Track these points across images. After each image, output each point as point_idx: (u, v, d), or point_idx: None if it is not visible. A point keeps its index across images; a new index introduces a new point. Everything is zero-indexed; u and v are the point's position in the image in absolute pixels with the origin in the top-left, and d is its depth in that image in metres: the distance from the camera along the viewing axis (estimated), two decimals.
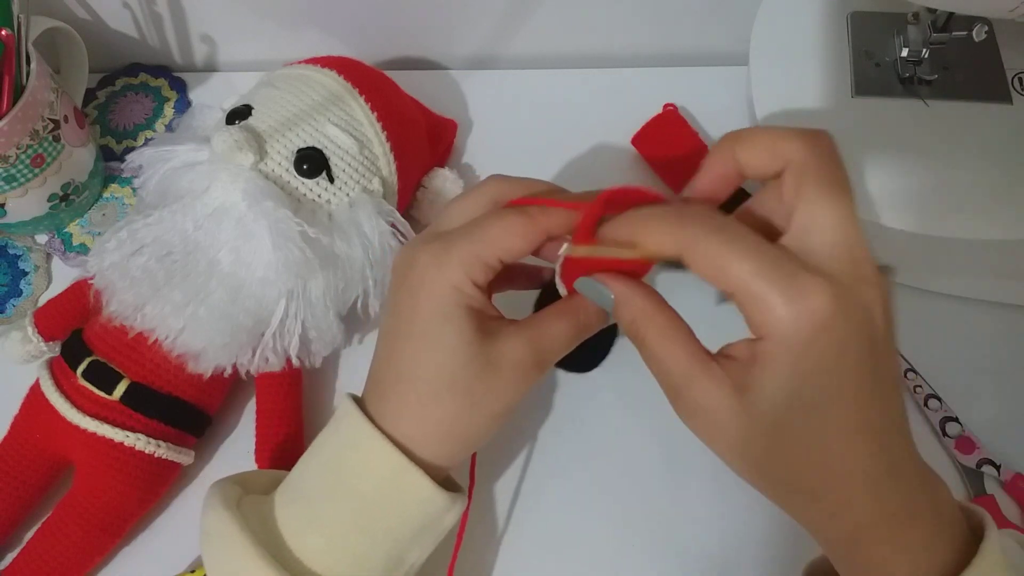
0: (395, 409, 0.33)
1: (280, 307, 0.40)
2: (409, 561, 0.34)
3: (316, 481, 0.33)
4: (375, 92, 0.44)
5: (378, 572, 0.33)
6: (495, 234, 0.32)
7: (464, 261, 0.31)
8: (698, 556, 0.41)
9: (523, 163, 0.54)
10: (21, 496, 0.41)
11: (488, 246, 0.31)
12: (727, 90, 0.55)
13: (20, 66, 0.45)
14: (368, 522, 0.32)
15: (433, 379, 0.32)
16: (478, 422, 0.32)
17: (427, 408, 0.32)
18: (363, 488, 0.32)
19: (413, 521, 0.33)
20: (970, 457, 0.43)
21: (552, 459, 0.44)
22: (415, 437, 0.32)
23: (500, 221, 0.32)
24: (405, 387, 0.32)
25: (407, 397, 0.32)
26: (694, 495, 0.43)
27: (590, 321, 0.33)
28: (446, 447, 0.33)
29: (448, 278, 0.31)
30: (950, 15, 0.44)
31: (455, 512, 0.34)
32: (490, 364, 0.31)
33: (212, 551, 0.32)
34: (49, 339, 0.45)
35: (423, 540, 0.34)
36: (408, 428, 0.32)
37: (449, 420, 0.32)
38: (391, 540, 0.33)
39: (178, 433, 0.41)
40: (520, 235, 0.31)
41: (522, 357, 0.32)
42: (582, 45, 0.59)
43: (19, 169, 0.46)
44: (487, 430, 0.33)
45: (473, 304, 0.32)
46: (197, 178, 0.40)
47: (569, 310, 0.33)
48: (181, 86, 0.59)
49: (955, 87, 0.46)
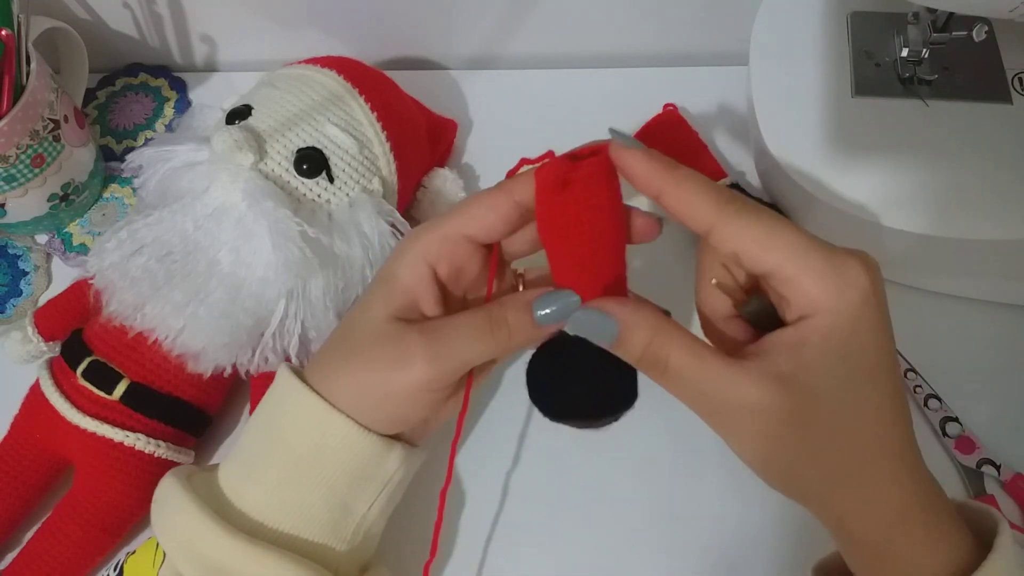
0: (324, 365, 0.34)
1: (280, 307, 0.40)
2: (358, 512, 0.34)
3: (252, 439, 0.35)
4: (375, 92, 0.44)
5: (321, 520, 0.33)
6: (460, 207, 0.31)
7: (423, 238, 0.32)
8: (703, 554, 0.41)
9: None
10: (21, 496, 0.41)
11: (450, 219, 0.31)
12: (727, 90, 0.55)
13: (20, 66, 0.45)
14: (300, 470, 0.33)
15: (340, 334, 0.34)
16: (379, 394, 0.32)
17: (345, 365, 0.33)
18: (292, 438, 0.33)
19: (345, 467, 0.33)
20: (970, 457, 0.43)
21: (550, 453, 0.44)
22: (337, 392, 0.32)
23: (470, 196, 0.32)
24: (329, 342, 0.34)
25: (333, 353, 0.34)
26: (701, 492, 0.43)
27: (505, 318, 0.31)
28: (365, 409, 0.32)
29: (400, 250, 0.32)
30: (950, 15, 0.43)
31: (395, 458, 0.33)
32: (381, 337, 0.31)
33: (159, 514, 0.33)
34: (49, 339, 0.45)
35: (365, 488, 0.33)
36: (332, 384, 0.33)
37: (358, 382, 0.32)
38: (326, 487, 0.33)
39: (178, 433, 0.41)
40: (483, 202, 0.31)
41: (409, 341, 0.31)
42: (582, 45, 0.59)
43: (19, 169, 0.46)
44: (376, 402, 0.32)
45: (405, 279, 0.32)
46: (197, 178, 0.40)
47: (485, 307, 0.32)
48: (181, 86, 0.59)
49: (955, 87, 0.46)
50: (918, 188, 0.43)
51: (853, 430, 0.27)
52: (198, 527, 0.31)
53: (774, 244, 0.26)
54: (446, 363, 0.31)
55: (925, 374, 0.45)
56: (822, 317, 0.26)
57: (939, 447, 0.43)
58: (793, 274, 0.26)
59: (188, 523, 0.32)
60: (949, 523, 0.28)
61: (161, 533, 0.33)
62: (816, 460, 0.27)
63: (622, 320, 0.28)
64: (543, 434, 0.45)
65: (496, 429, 0.45)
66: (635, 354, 0.28)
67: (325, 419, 0.32)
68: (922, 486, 0.28)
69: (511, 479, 0.44)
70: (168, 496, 0.33)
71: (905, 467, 0.28)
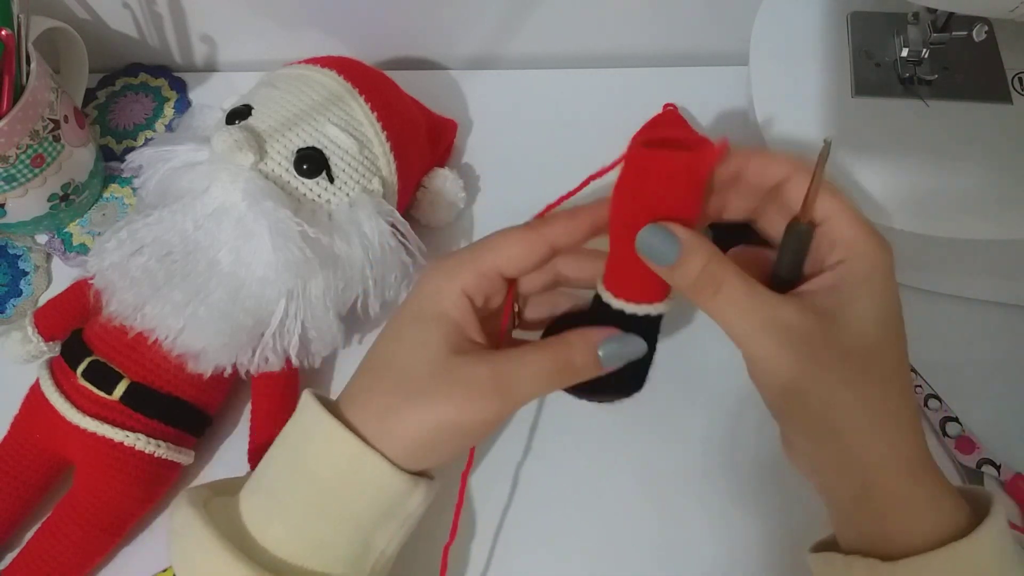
0: (359, 400, 0.33)
1: (280, 307, 0.40)
2: (377, 547, 0.33)
3: (277, 472, 0.34)
4: (375, 92, 0.44)
5: (344, 558, 0.33)
6: (493, 242, 0.33)
7: (460, 271, 0.33)
8: (697, 562, 0.41)
9: (523, 163, 0.54)
10: (21, 496, 0.41)
11: (485, 255, 0.33)
12: (727, 90, 0.55)
13: (20, 66, 0.45)
14: (328, 507, 0.32)
15: (396, 374, 0.32)
16: (428, 428, 0.32)
17: (386, 401, 0.32)
18: (322, 474, 0.32)
19: (373, 505, 0.32)
20: (970, 457, 0.43)
21: (549, 464, 0.44)
22: (373, 427, 0.32)
23: (501, 233, 0.33)
24: (371, 379, 0.33)
25: (372, 388, 0.33)
26: (701, 494, 0.43)
27: (573, 360, 0.32)
28: (402, 445, 0.32)
29: (437, 285, 0.33)
30: (950, 15, 0.43)
31: (419, 496, 0.33)
32: (448, 375, 0.31)
33: (179, 548, 0.33)
34: (49, 339, 0.45)
35: (387, 525, 0.33)
36: (368, 418, 0.32)
37: (403, 418, 0.32)
38: (352, 525, 0.32)
39: (178, 433, 0.41)
40: (518, 241, 0.33)
41: (480, 380, 0.31)
42: (582, 45, 0.59)
43: (19, 169, 0.46)
44: (439, 440, 0.32)
45: (453, 315, 0.32)
46: (197, 178, 0.40)
47: (551, 346, 0.32)
48: (181, 86, 0.59)
49: (955, 87, 0.46)
50: (918, 188, 0.43)
51: (886, 369, 0.29)
52: (222, 567, 0.31)
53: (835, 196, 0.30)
54: (514, 400, 0.32)
55: (925, 374, 0.45)
56: (861, 262, 0.29)
57: (939, 447, 0.43)
58: (846, 222, 0.30)
59: (210, 561, 0.31)
60: (942, 485, 0.30)
61: (181, 569, 0.32)
62: (851, 388, 0.29)
63: (684, 242, 0.29)
64: (529, 443, 0.45)
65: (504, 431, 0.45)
66: (692, 275, 0.30)
67: (359, 458, 0.32)
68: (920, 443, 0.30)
69: (517, 478, 0.44)
70: (188, 529, 0.32)
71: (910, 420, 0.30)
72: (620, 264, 0.32)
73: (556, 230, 0.32)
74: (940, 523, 0.29)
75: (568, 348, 0.32)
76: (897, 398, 0.30)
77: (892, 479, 0.29)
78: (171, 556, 0.33)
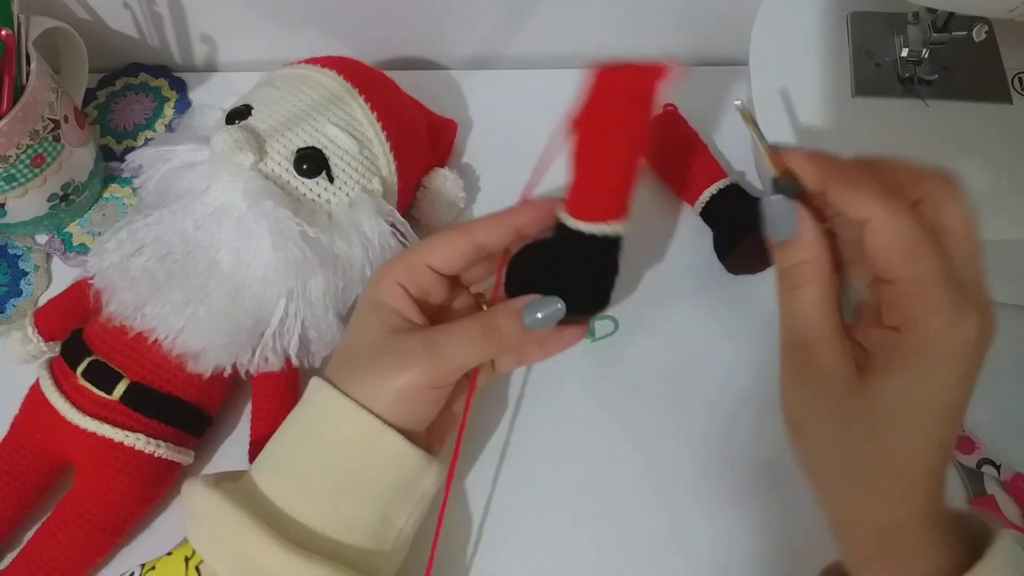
0: (346, 378, 0.35)
1: (280, 307, 0.40)
2: (396, 524, 0.36)
3: (297, 453, 0.35)
4: (375, 92, 0.44)
5: (367, 533, 0.34)
6: (426, 242, 0.37)
7: (393, 265, 0.37)
8: (697, 562, 0.41)
9: (523, 163, 0.54)
10: (21, 496, 0.41)
11: (418, 251, 0.37)
12: (727, 90, 0.55)
13: (20, 66, 0.45)
14: (352, 484, 0.34)
15: (346, 356, 0.37)
16: (384, 395, 0.34)
17: (341, 382, 0.35)
18: (346, 453, 0.34)
19: (392, 479, 0.35)
20: (970, 457, 0.43)
21: (532, 455, 0.44)
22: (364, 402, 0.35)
23: (436, 234, 0.37)
24: (332, 366, 0.37)
25: (333, 373, 0.36)
26: (701, 496, 0.43)
27: (497, 324, 0.35)
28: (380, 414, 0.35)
29: (376, 278, 0.37)
30: (950, 15, 0.43)
31: (433, 473, 0.36)
32: (385, 348, 0.35)
33: (205, 530, 0.33)
34: (49, 339, 0.45)
35: (405, 501, 0.36)
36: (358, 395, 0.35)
37: (353, 391, 0.35)
38: (373, 499, 0.35)
39: (178, 433, 0.41)
40: (445, 242, 0.36)
41: (411, 348, 0.34)
42: (582, 45, 0.59)
43: (19, 169, 0.46)
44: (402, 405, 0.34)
45: (388, 300, 0.36)
46: (197, 178, 0.40)
47: (479, 315, 0.35)
48: (181, 86, 0.59)
49: (955, 87, 0.46)
50: None
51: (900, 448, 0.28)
52: (255, 545, 0.31)
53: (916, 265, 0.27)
54: (444, 364, 0.34)
55: None
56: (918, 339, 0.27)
57: None
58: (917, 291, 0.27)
59: (243, 540, 0.32)
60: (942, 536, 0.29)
61: (208, 548, 0.33)
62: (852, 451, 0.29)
63: (803, 232, 0.29)
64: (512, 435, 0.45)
65: (487, 428, 0.45)
66: (789, 261, 0.29)
67: (377, 434, 0.34)
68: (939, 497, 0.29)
69: (516, 478, 0.44)
70: (215, 511, 0.33)
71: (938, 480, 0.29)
72: (581, 185, 0.35)
73: (479, 232, 0.36)
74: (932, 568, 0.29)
75: (492, 315, 0.35)
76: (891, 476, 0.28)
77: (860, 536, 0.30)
78: (194, 540, 0.33)
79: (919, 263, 0.27)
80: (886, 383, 0.28)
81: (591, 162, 0.34)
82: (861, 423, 0.28)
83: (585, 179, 0.35)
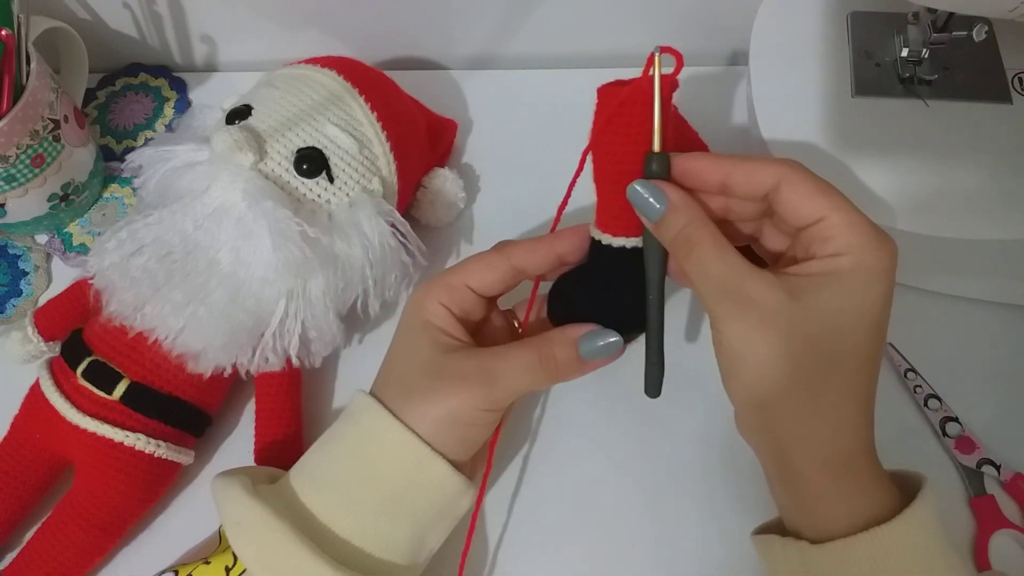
0: (398, 399, 0.35)
1: (280, 307, 0.40)
2: (429, 545, 0.36)
3: (343, 469, 0.36)
4: (375, 92, 0.44)
5: (403, 552, 0.35)
6: (465, 263, 0.37)
7: (435, 286, 0.37)
8: (696, 562, 0.41)
9: (523, 163, 0.54)
10: (21, 496, 0.41)
11: (457, 273, 0.37)
12: (727, 90, 0.55)
13: (20, 66, 0.45)
14: (395, 506, 0.35)
15: (396, 380, 0.37)
16: (430, 420, 0.35)
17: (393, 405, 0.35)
18: (393, 475, 0.35)
19: (434, 504, 0.35)
20: (970, 457, 0.43)
21: (548, 464, 0.44)
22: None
23: (475, 256, 0.37)
24: (379, 389, 0.37)
25: (399, 388, 0.36)
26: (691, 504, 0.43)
27: (553, 354, 0.35)
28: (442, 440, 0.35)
29: (419, 299, 0.37)
30: (950, 15, 0.43)
31: (469, 496, 0.37)
32: (441, 371, 0.35)
33: (252, 543, 0.33)
34: (49, 339, 0.45)
35: (442, 523, 0.36)
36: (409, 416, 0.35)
37: (407, 416, 0.35)
38: (414, 522, 0.35)
39: (178, 433, 0.41)
40: (484, 264, 0.37)
41: (468, 371, 0.35)
42: (582, 45, 0.59)
43: (19, 169, 0.46)
44: (442, 431, 0.35)
45: (435, 321, 0.36)
46: (197, 178, 0.40)
47: (535, 342, 0.35)
48: (181, 86, 0.59)
49: (955, 87, 0.46)
50: (918, 188, 0.43)
51: (841, 364, 0.30)
52: (300, 564, 0.32)
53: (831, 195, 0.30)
54: (501, 389, 0.35)
55: (925, 374, 0.45)
56: (853, 256, 0.29)
57: (939, 447, 0.43)
58: (844, 219, 0.30)
59: (289, 558, 0.32)
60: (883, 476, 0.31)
61: (256, 562, 0.33)
62: (789, 371, 0.29)
63: (672, 201, 0.32)
64: (548, 435, 0.45)
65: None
66: (672, 232, 0.32)
67: (425, 460, 0.35)
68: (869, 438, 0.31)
69: (516, 479, 0.44)
70: (261, 524, 0.33)
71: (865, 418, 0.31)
72: (601, 202, 0.35)
73: (520, 256, 0.37)
74: (867, 511, 0.30)
75: (549, 344, 0.35)
76: (838, 393, 0.30)
77: (813, 471, 0.31)
78: (242, 552, 0.33)
79: (837, 198, 0.30)
80: (823, 296, 0.29)
81: (616, 176, 0.34)
82: (802, 337, 0.29)
83: (604, 197, 0.35)
